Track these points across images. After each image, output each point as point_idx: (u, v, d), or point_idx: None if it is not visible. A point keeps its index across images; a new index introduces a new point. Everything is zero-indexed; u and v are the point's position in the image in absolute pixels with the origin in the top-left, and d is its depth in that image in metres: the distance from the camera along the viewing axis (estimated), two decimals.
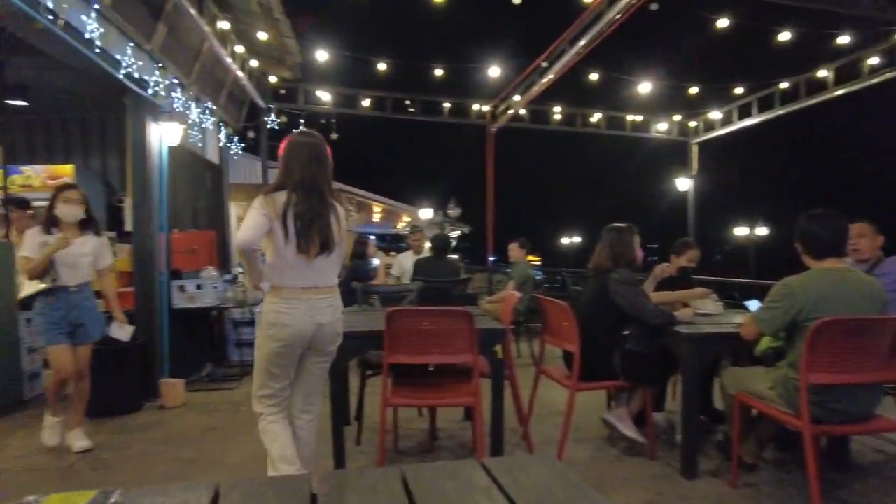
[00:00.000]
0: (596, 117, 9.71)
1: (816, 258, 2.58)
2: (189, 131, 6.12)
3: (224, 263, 7.12)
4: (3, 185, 5.08)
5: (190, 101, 5.82)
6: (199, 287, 5.18)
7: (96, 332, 3.65)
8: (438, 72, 8.00)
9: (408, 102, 9.27)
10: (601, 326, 3.26)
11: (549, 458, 1.21)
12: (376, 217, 18.90)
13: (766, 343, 2.83)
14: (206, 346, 5.92)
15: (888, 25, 5.92)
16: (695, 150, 10.10)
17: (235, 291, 5.81)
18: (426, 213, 15.64)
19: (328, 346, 2.49)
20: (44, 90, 6.17)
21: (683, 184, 10.17)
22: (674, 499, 2.72)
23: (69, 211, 3.45)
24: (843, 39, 6.23)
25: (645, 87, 7.80)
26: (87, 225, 3.56)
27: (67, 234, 3.40)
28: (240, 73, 6.90)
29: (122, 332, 3.81)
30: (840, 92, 7.22)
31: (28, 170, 6.49)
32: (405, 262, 6.03)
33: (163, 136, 5.11)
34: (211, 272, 5.54)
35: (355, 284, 4.30)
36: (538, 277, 14.19)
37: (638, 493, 2.79)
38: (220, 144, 7.70)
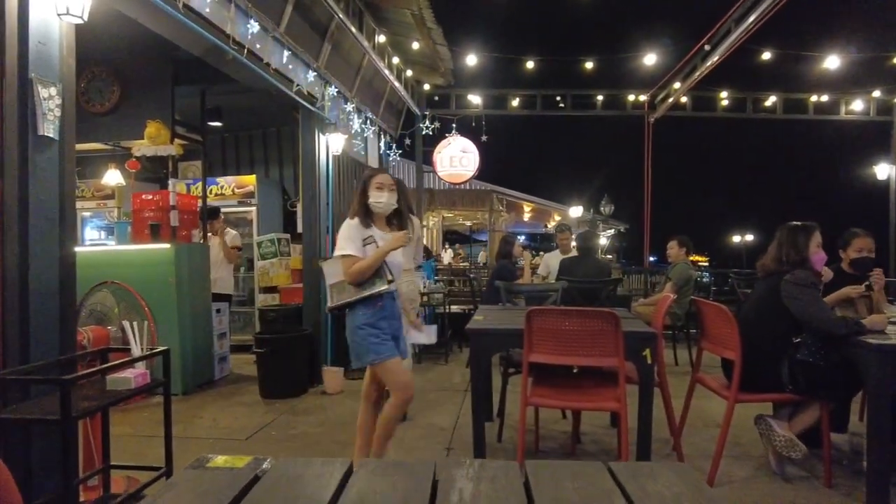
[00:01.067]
0: (770, 101, 8.70)
1: None
2: (352, 140, 6.65)
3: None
4: (204, 194, 5.94)
5: (352, 113, 6.31)
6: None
7: (406, 345, 3.11)
8: (589, 65, 7.76)
9: (558, 98, 9.12)
10: (768, 333, 2.93)
11: (683, 467, 1.12)
12: (526, 217, 18.84)
13: None
14: None
15: None
16: None
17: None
18: (576, 212, 15.23)
19: None
20: (232, 111, 7.13)
21: (883, 171, 8.69)
22: None
23: (385, 199, 2.83)
24: None
25: (833, 62, 6.79)
26: (395, 217, 2.96)
27: (406, 230, 2.89)
28: (396, 84, 7.33)
29: (424, 335, 3.46)
30: None
31: (221, 181, 7.52)
32: (552, 261, 5.94)
33: (329, 145, 5.61)
34: None
35: (499, 283, 4.33)
36: (706, 280, 13.11)
37: None
38: (380, 152, 8.25)
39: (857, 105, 8.61)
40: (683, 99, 8.76)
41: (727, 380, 3.01)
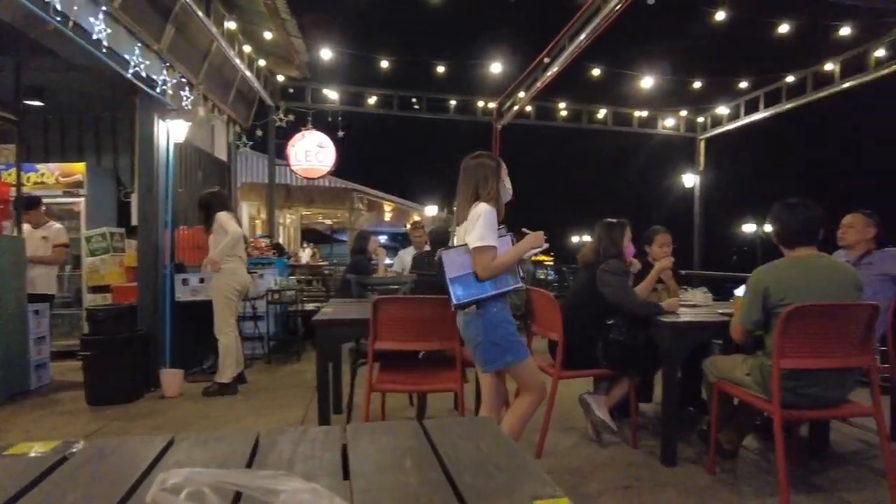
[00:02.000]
0: (602, 113, 9.71)
1: (788, 247, 2.63)
2: (198, 129, 6.29)
3: None
4: (18, 181, 5.25)
5: (198, 100, 5.96)
6: (202, 281, 5.30)
7: None
8: (441, 69, 8.08)
9: (414, 100, 9.36)
10: (586, 316, 3.32)
11: (486, 420, 1.28)
12: (387, 216, 19.03)
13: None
14: (209, 338, 6.06)
15: (894, 16, 5.87)
16: (702, 145, 10.05)
17: None
18: (432, 211, 15.73)
19: None
20: (59, 91, 6.37)
21: (689, 180, 10.13)
22: (651, 484, 2.77)
23: (510, 189, 2.68)
24: (847, 31, 6.19)
25: (648, 82, 7.79)
26: None
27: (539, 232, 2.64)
28: (248, 73, 7.05)
29: None
30: (847, 85, 7.16)
31: (43, 168, 6.68)
32: (406, 257, 6.11)
33: (170, 133, 5.25)
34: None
35: (350, 276, 4.38)
36: (550, 277, 14.20)
37: (615, 479, 2.84)
38: (229, 141, 7.87)
39: (670, 121, 9.92)
40: (528, 108, 9.45)
41: (553, 359, 3.36)
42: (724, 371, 2.85)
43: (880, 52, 6.60)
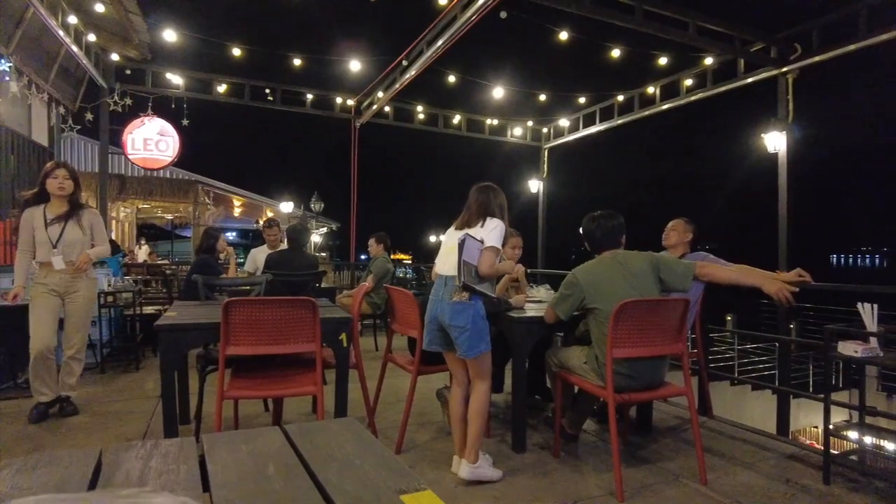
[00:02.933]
0: (457, 119, 10.07)
1: (595, 251, 3.10)
2: (10, 108, 5.44)
3: None
4: None
5: (9, 73, 5.16)
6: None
7: None
8: (298, 62, 7.82)
9: (267, 91, 8.95)
10: None
11: (350, 421, 1.28)
12: (237, 211, 17.94)
13: (584, 325, 3.18)
14: (27, 348, 5.28)
15: (699, 52, 6.82)
16: (546, 154, 10.86)
17: None
18: (287, 207, 15.16)
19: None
20: None
21: (535, 186, 10.89)
22: (503, 470, 2.93)
23: None
24: (665, 60, 7.08)
25: (499, 92, 8.24)
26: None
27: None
28: (74, 48, 6.24)
29: None
30: (666, 106, 8.18)
31: None
32: (258, 256, 5.84)
33: None
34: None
35: (196, 277, 4.07)
36: (409, 275, 14.39)
37: None
38: (51, 124, 6.91)
39: (518, 130, 10.58)
40: (387, 108, 9.50)
41: (412, 356, 3.43)
42: (564, 361, 3.12)
43: (689, 81, 7.65)
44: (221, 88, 8.51)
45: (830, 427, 2.89)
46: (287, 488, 0.89)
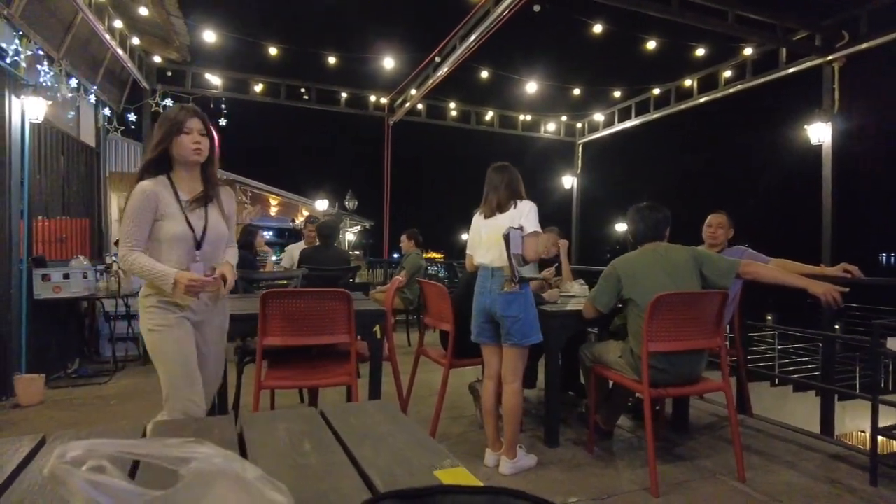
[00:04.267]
0: (489, 115, 10.04)
1: (639, 243, 3.03)
2: (60, 110, 5.67)
3: (98, 253, 6.64)
4: None
5: (60, 77, 5.37)
6: (65, 277, 4.81)
7: None
8: (333, 60, 7.92)
9: (303, 90, 9.09)
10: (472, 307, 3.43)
11: (386, 404, 1.30)
12: (273, 210, 18.28)
13: (619, 319, 3.14)
14: (75, 340, 5.52)
15: (738, 42, 6.64)
16: (580, 149, 10.73)
17: (109, 282, 5.44)
18: (322, 205, 15.35)
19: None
20: None
21: (568, 182, 10.78)
22: (536, 464, 2.93)
23: None
24: (702, 52, 6.91)
25: (532, 87, 8.18)
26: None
27: None
28: (119, 51, 6.45)
29: None
30: (703, 99, 7.99)
31: None
32: (295, 252, 5.94)
33: (25, 111, 4.69)
34: (82, 261, 5.18)
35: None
36: (441, 274, 14.41)
37: None
38: (98, 125, 7.16)
39: (552, 126, 10.48)
40: (419, 105, 9.54)
41: (445, 350, 3.44)
42: (598, 356, 3.09)
43: (728, 73, 7.45)
44: (258, 88, 8.69)
45: (878, 427, 2.79)
46: (322, 463, 0.91)
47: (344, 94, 9.27)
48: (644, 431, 2.70)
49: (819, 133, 6.25)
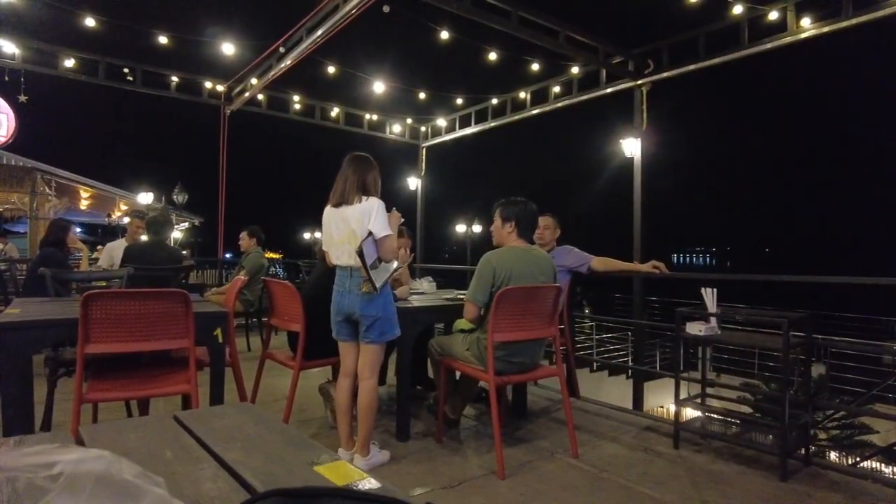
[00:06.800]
0: (335, 111, 9.88)
1: (517, 236, 3.11)
2: None
3: None
4: None
5: None
6: None
7: None
8: (163, 39, 7.19)
9: (126, 70, 8.14)
10: (325, 306, 3.37)
11: (248, 406, 1.24)
12: (84, 204, 16.13)
13: (461, 325, 3.28)
14: None
15: (567, 60, 7.32)
16: (423, 152, 11.02)
17: None
18: (146, 199, 13.90)
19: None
20: None
21: (413, 183, 11.03)
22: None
23: None
24: (536, 67, 7.49)
25: (379, 87, 8.21)
26: None
27: None
28: None
29: None
30: (535, 111, 8.66)
31: None
32: (115, 251, 5.33)
33: None
34: None
35: (44, 270, 3.62)
36: (280, 273, 13.82)
37: None
38: None
39: (397, 127, 10.63)
40: (260, 96, 9.08)
41: (293, 352, 3.33)
42: (447, 348, 3.21)
43: (557, 88, 8.19)
44: (70, 63, 7.60)
45: (680, 398, 3.27)
46: (192, 471, 0.84)
47: (175, 78, 8.49)
48: (488, 418, 2.88)
49: (631, 147, 7.14)
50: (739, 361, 10.29)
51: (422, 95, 8.91)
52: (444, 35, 6.41)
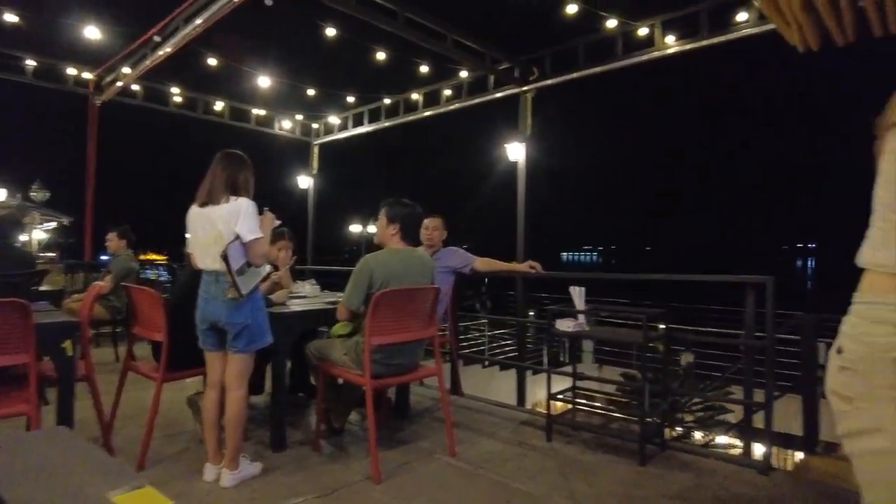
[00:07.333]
0: (219, 105, 9.37)
1: (400, 238, 3.09)
2: None
3: None
4: None
5: None
6: None
7: None
8: (13, 18, 6.43)
9: None
10: (194, 311, 3.18)
11: (61, 431, 1.12)
12: None
13: (339, 329, 3.23)
14: None
15: (456, 64, 7.44)
16: (316, 150, 10.77)
17: None
18: (0, 196, 12.46)
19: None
20: None
21: (305, 182, 10.74)
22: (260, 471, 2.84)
23: None
24: (426, 69, 7.55)
25: (265, 82, 7.90)
26: None
27: None
28: None
29: None
30: (427, 113, 8.74)
31: None
32: None
33: None
34: None
35: None
36: (161, 278, 12.86)
37: None
38: None
39: (287, 123, 10.30)
40: (135, 87, 8.42)
41: (157, 363, 3.10)
42: (324, 353, 3.14)
43: (448, 91, 8.31)
44: None
45: (552, 393, 3.43)
46: None
47: (31, 62, 7.65)
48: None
49: (516, 152, 7.40)
50: (621, 353, 11.02)
51: (311, 92, 8.68)
52: (332, 32, 6.27)
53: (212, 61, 7.42)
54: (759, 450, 3.27)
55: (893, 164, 0.93)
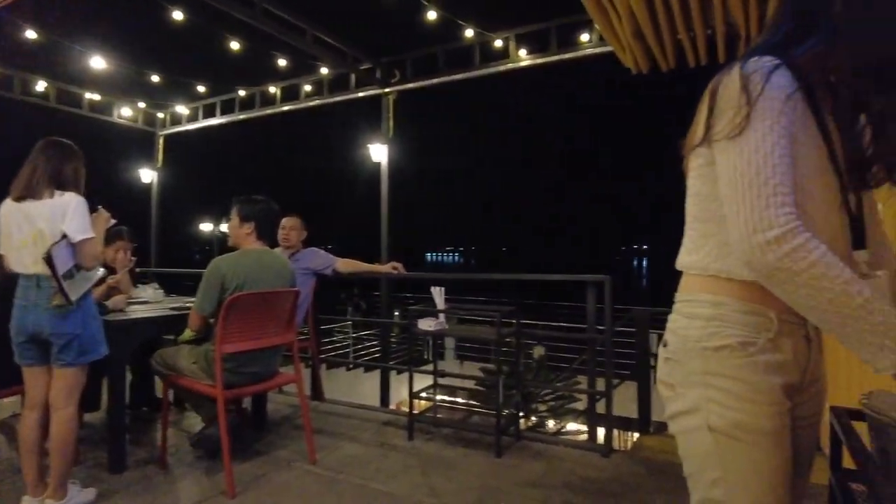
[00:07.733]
0: (42, 86, 8.23)
1: (256, 238, 2.95)
2: None
3: None
4: None
5: None
6: None
7: None
8: None
9: None
10: (4, 324, 2.77)
11: None
12: None
13: (187, 335, 3.01)
14: None
15: (315, 60, 7.25)
16: (161, 142, 9.89)
17: None
18: None
19: None
20: None
21: (148, 175, 9.83)
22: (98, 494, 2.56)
23: None
24: (284, 63, 7.26)
25: (99, 63, 7.06)
26: None
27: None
28: None
29: None
30: (286, 108, 8.42)
31: None
32: None
33: None
34: None
35: None
36: None
37: None
38: None
39: (127, 111, 9.33)
40: None
41: None
42: (171, 362, 2.91)
43: (308, 87, 8.08)
44: None
45: (413, 391, 3.49)
46: None
47: None
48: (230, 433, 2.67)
49: (379, 152, 7.41)
50: (481, 349, 11.48)
51: (156, 78, 7.95)
52: (179, 16, 5.80)
53: (30, 34, 6.49)
54: (602, 434, 3.60)
55: (698, 181, 1.08)
